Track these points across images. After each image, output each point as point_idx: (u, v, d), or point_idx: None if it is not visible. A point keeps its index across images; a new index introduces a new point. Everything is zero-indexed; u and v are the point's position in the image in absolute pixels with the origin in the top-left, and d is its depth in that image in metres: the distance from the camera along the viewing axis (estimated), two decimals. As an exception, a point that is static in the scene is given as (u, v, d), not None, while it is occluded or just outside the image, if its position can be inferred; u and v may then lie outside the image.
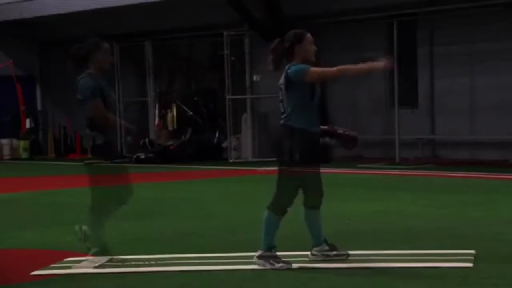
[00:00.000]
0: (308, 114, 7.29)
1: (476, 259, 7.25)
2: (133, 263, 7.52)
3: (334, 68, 7.37)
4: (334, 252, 7.44)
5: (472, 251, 7.54)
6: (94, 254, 7.54)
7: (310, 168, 7.29)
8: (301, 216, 7.53)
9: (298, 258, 7.57)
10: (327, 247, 7.47)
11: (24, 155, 25.81)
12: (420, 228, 9.33)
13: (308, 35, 7.47)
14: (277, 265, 7.22)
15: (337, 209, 11.23)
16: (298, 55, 7.34)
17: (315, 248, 7.50)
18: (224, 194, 14.26)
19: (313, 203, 7.42)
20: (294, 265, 7.26)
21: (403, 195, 12.92)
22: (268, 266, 7.21)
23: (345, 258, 7.40)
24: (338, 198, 12.53)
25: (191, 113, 23.71)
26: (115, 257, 7.64)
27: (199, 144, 22.58)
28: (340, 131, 7.61)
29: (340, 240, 8.64)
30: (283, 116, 7.42)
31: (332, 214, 10.68)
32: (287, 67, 7.35)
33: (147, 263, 7.56)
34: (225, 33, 21.53)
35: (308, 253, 7.62)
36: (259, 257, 7.31)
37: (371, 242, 8.40)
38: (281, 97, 7.43)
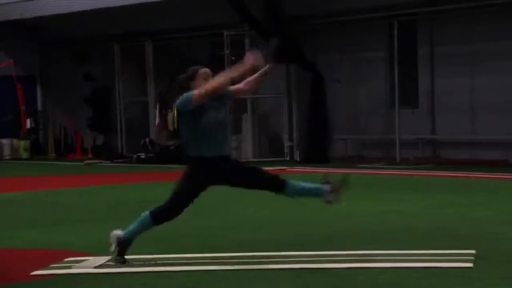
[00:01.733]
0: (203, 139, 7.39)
1: (476, 259, 7.25)
2: (133, 263, 7.52)
3: (210, 83, 7.37)
4: None
5: (473, 251, 7.54)
6: None
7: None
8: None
9: (298, 258, 7.57)
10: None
11: (24, 155, 25.81)
12: (420, 228, 9.33)
13: (201, 71, 7.53)
14: (115, 255, 7.39)
15: (337, 209, 11.21)
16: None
17: None
18: (223, 194, 14.24)
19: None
20: (295, 266, 7.25)
21: (403, 195, 12.91)
22: (113, 247, 7.40)
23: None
24: (338, 198, 12.53)
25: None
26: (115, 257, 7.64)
27: (199, 144, 22.55)
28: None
29: (340, 240, 8.65)
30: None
31: (332, 214, 10.68)
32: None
33: (147, 263, 7.56)
34: (225, 33, 21.54)
35: (307, 253, 7.63)
36: (117, 237, 7.43)
37: (371, 242, 8.40)
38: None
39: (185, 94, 7.34)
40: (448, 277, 6.68)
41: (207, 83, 7.40)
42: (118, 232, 7.46)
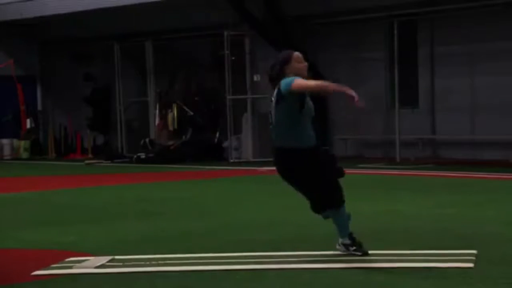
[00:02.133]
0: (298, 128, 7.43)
1: (476, 259, 7.25)
2: (133, 263, 7.52)
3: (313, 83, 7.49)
4: None
5: (473, 251, 7.54)
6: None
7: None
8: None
9: (298, 258, 7.57)
10: None
11: (24, 155, 25.83)
12: (420, 228, 9.33)
13: (294, 54, 7.62)
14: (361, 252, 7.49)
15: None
16: (289, 74, 7.49)
17: None
18: (224, 194, 14.26)
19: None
20: (295, 266, 7.25)
21: (403, 195, 12.92)
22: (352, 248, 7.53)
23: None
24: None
25: (192, 113, 23.72)
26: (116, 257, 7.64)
27: (200, 144, 22.59)
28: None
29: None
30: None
31: (332, 214, 10.69)
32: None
33: (147, 263, 7.56)
34: (225, 33, 21.54)
35: (307, 253, 7.62)
36: (344, 244, 7.55)
37: (371, 242, 8.40)
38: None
39: (287, 78, 7.39)
40: (448, 277, 6.68)
41: (304, 73, 7.50)
42: (344, 241, 7.57)
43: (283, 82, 7.40)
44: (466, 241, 8.32)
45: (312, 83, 7.49)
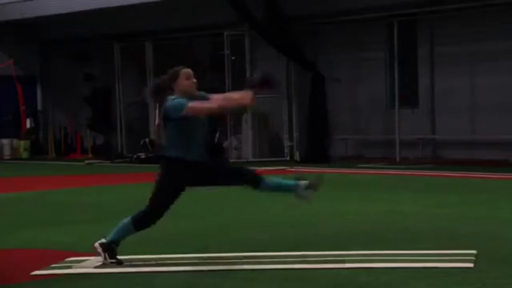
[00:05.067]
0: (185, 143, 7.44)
1: (476, 259, 7.25)
2: (133, 263, 7.52)
3: (214, 105, 7.46)
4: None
5: (473, 251, 7.54)
6: None
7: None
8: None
9: (298, 258, 7.57)
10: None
11: (24, 155, 25.82)
12: (420, 228, 9.33)
13: (183, 70, 7.58)
14: (109, 260, 7.36)
15: (337, 209, 11.24)
16: (176, 91, 7.46)
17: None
18: (224, 194, 14.24)
19: None
20: (295, 266, 7.25)
21: (403, 195, 12.92)
22: (101, 258, 7.39)
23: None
24: (338, 198, 12.55)
25: (191, 113, 23.66)
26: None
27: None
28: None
29: (340, 240, 8.65)
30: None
31: (332, 214, 10.69)
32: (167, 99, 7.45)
33: (147, 263, 7.56)
34: (225, 33, 21.54)
35: (307, 253, 7.62)
36: (101, 244, 7.43)
37: (371, 242, 8.40)
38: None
39: (177, 101, 7.32)
40: (448, 278, 6.68)
41: (195, 95, 7.47)
42: (100, 241, 7.47)
43: (172, 107, 7.33)
44: (466, 241, 8.32)
45: (214, 105, 7.46)
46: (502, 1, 18.47)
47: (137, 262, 7.57)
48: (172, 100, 7.38)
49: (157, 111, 24.23)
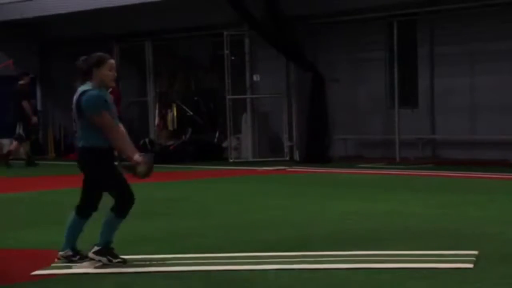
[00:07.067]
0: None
1: (476, 259, 7.25)
2: (133, 263, 7.52)
3: (118, 141, 7.63)
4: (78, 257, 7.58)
5: (474, 252, 7.54)
6: None
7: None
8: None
9: (298, 258, 7.57)
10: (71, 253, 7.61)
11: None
12: (420, 228, 9.33)
13: (110, 61, 7.53)
14: (115, 261, 7.38)
15: (337, 209, 11.24)
16: (95, 78, 7.42)
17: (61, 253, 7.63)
18: (224, 194, 14.25)
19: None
20: (295, 266, 7.25)
21: (403, 195, 12.92)
22: (105, 261, 7.38)
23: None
24: (338, 198, 12.56)
25: (191, 113, 23.70)
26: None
27: (199, 144, 22.58)
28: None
29: (340, 240, 8.65)
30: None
31: (332, 214, 10.70)
32: (80, 90, 7.38)
33: (147, 263, 7.56)
34: (225, 33, 21.53)
35: (307, 253, 7.62)
36: (96, 252, 7.43)
37: (371, 242, 8.40)
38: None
39: (95, 98, 7.30)
40: (448, 278, 6.68)
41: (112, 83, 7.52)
42: (94, 250, 7.47)
43: (88, 102, 7.30)
44: (466, 241, 8.33)
45: (117, 140, 7.60)
46: (502, 1, 18.47)
47: (137, 262, 7.57)
48: (90, 92, 7.31)
49: (157, 111, 24.25)
